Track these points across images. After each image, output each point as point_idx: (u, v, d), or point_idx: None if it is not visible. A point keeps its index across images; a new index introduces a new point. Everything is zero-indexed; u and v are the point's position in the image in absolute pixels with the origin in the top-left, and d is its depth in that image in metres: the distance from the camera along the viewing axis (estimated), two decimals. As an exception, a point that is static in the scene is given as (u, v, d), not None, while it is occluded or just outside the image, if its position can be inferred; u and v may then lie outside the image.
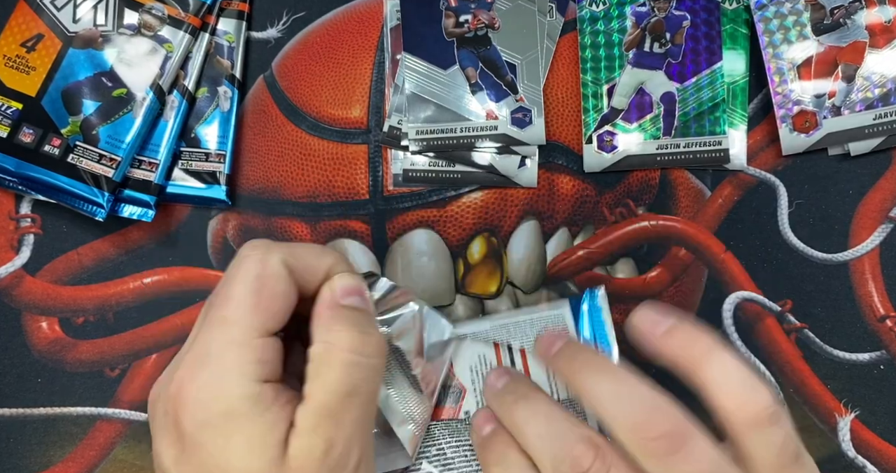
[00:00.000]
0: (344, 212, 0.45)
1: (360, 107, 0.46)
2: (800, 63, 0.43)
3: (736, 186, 0.45)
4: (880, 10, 0.43)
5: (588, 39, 0.45)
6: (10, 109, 0.42)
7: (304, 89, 0.46)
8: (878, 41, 0.43)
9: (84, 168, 0.42)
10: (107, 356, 0.45)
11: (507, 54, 0.45)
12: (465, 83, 0.44)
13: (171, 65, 0.44)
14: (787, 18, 0.44)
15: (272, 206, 0.45)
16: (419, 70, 0.44)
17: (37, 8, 0.44)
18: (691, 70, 0.44)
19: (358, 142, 0.45)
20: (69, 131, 0.43)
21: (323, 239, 0.45)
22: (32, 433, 0.44)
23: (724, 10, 0.44)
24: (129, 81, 0.43)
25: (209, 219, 0.46)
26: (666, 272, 0.44)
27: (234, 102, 0.45)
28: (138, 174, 0.44)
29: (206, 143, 0.45)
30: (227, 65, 0.45)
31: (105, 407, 0.44)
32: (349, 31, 0.46)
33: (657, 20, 0.44)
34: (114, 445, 0.44)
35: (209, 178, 0.44)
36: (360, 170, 0.45)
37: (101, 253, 0.45)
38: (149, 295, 0.45)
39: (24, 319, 0.45)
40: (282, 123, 0.46)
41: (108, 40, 0.44)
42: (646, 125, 0.44)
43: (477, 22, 0.45)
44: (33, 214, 0.45)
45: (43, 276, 0.45)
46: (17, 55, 0.43)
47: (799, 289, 0.44)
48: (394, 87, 0.45)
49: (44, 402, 0.44)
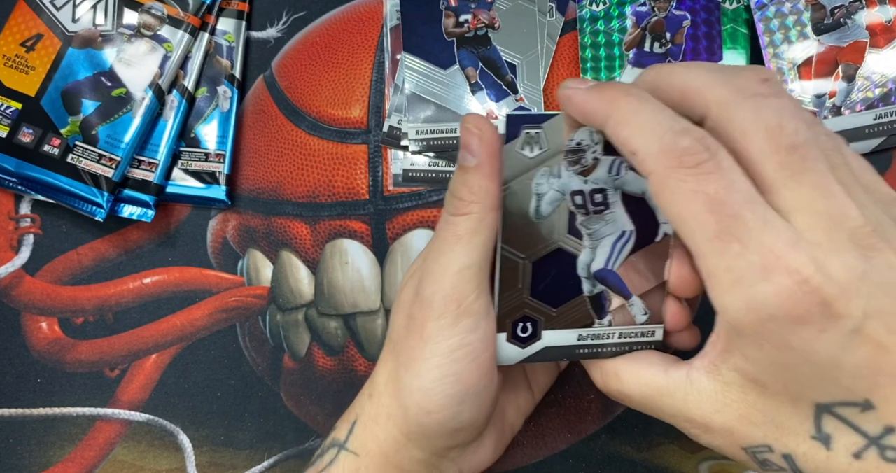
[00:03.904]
0: (344, 212, 0.45)
1: (359, 107, 0.46)
2: (800, 63, 0.43)
3: (736, 186, 0.45)
4: (881, 9, 0.43)
5: (588, 39, 0.45)
6: (9, 109, 0.42)
7: (304, 89, 0.46)
8: (879, 41, 0.43)
9: (84, 168, 0.42)
10: (106, 356, 0.45)
11: (507, 54, 0.45)
12: (465, 83, 0.44)
13: (171, 64, 0.44)
14: (788, 18, 0.44)
15: (272, 206, 0.45)
16: (419, 70, 0.44)
17: (36, 8, 0.44)
18: (691, 70, 0.44)
19: (358, 142, 0.45)
20: (69, 131, 0.43)
21: (323, 239, 0.45)
22: (32, 433, 0.44)
23: (725, 9, 0.44)
24: (129, 81, 0.43)
25: (209, 219, 0.46)
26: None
27: (233, 102, 0.45)
28: (138, 174, 0.44)
29: (205, 143, 0.45)
30: (226, 64, 0.45)
31: (105, 408, 0.44)
32: (349, 31, 0.46)
33: (657, 20, 0.44)
34: (113, 445, 0.44)
35: (209, 178, 0.44)
36: (359, 170, 0.45)
37: (101, 254, 0.45)
38: (148, 295, 0.45)
39: (24, 319, 0.45)
40: (282, 123, 0.46)
41: (108, 40, 0.44)
42: (646, 125, 0.44)
43: (477, 22, 0.45)
44: (33, 214, 0.45)
45: (42, 276, 0.45)
46: (16, 55, 0.43)
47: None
48: (394, 87, 0.45)
49: (43, 402, 0.44)
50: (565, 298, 0.32)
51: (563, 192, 0.31)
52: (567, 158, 0.31)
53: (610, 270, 0.32)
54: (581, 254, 0.32)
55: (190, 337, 0.45)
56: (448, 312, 0.31)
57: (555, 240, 0.32)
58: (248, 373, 0.45)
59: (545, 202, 0.31)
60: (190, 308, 0.45)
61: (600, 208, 0.31)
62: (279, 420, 0.44)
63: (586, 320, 0.33)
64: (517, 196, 0.31)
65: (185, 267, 0.45)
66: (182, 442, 0.44)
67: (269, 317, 0.45)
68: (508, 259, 0.32)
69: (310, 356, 0.45)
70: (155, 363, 0.45)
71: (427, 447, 0.34)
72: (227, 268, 0.45)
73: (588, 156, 0.31)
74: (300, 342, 0.45)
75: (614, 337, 0.33)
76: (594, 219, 0.32)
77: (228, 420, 0.44)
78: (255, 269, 0.45)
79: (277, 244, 0.45)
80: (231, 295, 0.45)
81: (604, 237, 0.32)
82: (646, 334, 0.33)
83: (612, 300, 0.33)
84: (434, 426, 0.33)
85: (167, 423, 0.44)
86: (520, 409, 0.38)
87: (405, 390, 0.32)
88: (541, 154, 0.31)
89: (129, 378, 0.45)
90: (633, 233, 0.32)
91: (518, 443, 0.43)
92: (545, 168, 0.31)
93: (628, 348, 0.33)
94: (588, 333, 0.33)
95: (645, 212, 0.31)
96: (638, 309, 0.32)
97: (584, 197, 0.31)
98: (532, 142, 0.30)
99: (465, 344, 0.31)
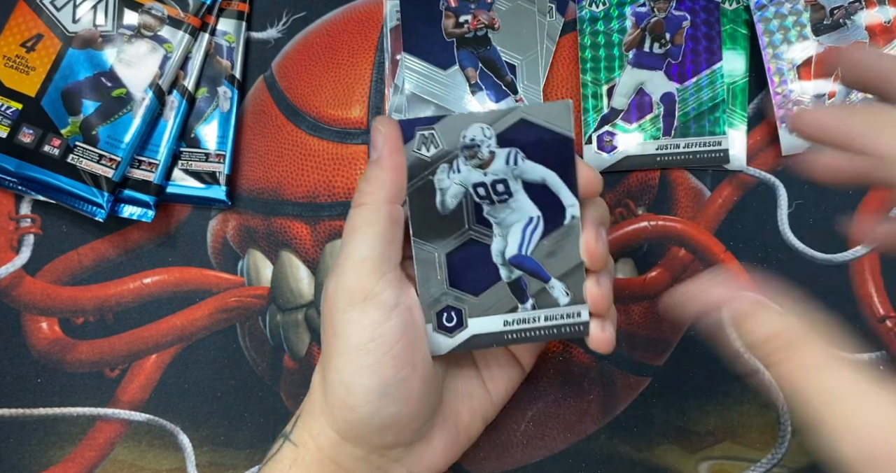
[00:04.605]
0: (344, 212, 0.45)
1: (359, 107, 0.46)
2: (799, 63, 0.43)
3: (736, 186, 0.45)
4: (880, 10, 0.43)
5: (588, 40, 0.45)
6: (9, 109, 0.42)
7: (304, 89, 0.46)
8: (878, 41, 0.43)
9: (84, 168, 0.42)
10: (106, 356, 0.45)
11: (507, 54, 0.45)
12: (464, 83, 0.44)
13: (171, 65, 0.44)
14: (787, 19, 0.44)
15: (272, 206, 0.45)
16: (419, 70, 0.44)
17: (36, 8, 0.44)
18: (691, 70, 0.44)
19: (357, 142, 0.45)
20: (69, 131, 0.43)
21: (323, 239, 0.45)
22: (32, 433, 0.44)
23: (724, 10, 0.44)
24: (129, 81, 0.43)
25: (209, 219, 0.46)
26: (665, 272, 0.44)
27: (233, 102, 0.45)
28: (138, 174, 0.44)
29: (205, 144, 0.45)
30: (226, 65, 0.45)
31: (105, 408, 0.44)
32: (349, 31, 0.46)
33: (657, 20, 0.44)
34: (113, 445, 0.44)
35: (209, 178, 0.44)
36: (359, 170, 0.45)
37: (101, 254, 0.45)
38: (148, 295, 0.45)
39: (24, 319, 0.45)
40: (282, 124, 0.46)
41: (108, 40, 0.44)
42: (646, 125, 0.44)
43: (477, 22, 0.45)
44: (33, 214, 0.45)
45: (43, 277, 0.45)
46: (16, 55, 0.43)
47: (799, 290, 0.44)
48: (394, 88, 0.45)
49: (43, 402, 0.44)
50: (484, 286, 0.34)
51: (465, 185, 0.33)
52: (463, 154, 0.33)
53: (524, 256, 0.34)
54: (493, 243, 0.34)
55: (190, 337, 0.45)
56: (353, 305, 0.32)
57: (465, 231, 0.34)
58: (248, 373, 0.45)
59: (449, 196, 0.33)
60: (190, 308, 0.45)
61: (504, 197, 0.34)
62: (279, 420, 0.44)
63: (509, 305, 0.34)
64: (422, 192, 0.33)
65: (186, 268, 0.45)
66: (182, 442, 0.44)
67: (269, 317, 0.45)
68: (422, 251, 0.34)
69: (310, 356, 0.45)
70: (155, 363, 0.45)
71: (360, 444, 0.34)
72: (227, 268, 0.45)
73: (483, 150, 0.33)
74: (300, 342, 0.45)
75: (540, 320, 0.34)
76: (500, 208, 0.34)
77: (228, 420, 0.44)
78: (255, 269, 0.45)
79: (277, 244, 0.45)
80: (231, 296, 0.45)
81: (512, 224, 0.34)
82: (571, 315, 0.34)
83: (530, 284, 0.34)
84: (359, 422, 0.33)
85: (167, 423, 0.44)
86: (475, 412, 0.38)
87: (329, 386, 0.33)
88: (437, 152, 0.33)
89: (130, 378, 0.45)
90: (540, 219, 0.34)
91: (518, 443, 0.43)
92: (444, 164, 0.33)
93: (556, 331, 0.34)
94: (513, 318, 0.34)
95: (548, 197, 0.33)
96: (559, 291, 0.34)
97: (486, 188, 0.33)
98: (427, 142, 0.33)
99: (375, 335, 0.32)
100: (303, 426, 0.35)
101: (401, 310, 0.32)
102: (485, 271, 0.34)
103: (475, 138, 0.33)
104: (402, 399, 0.33)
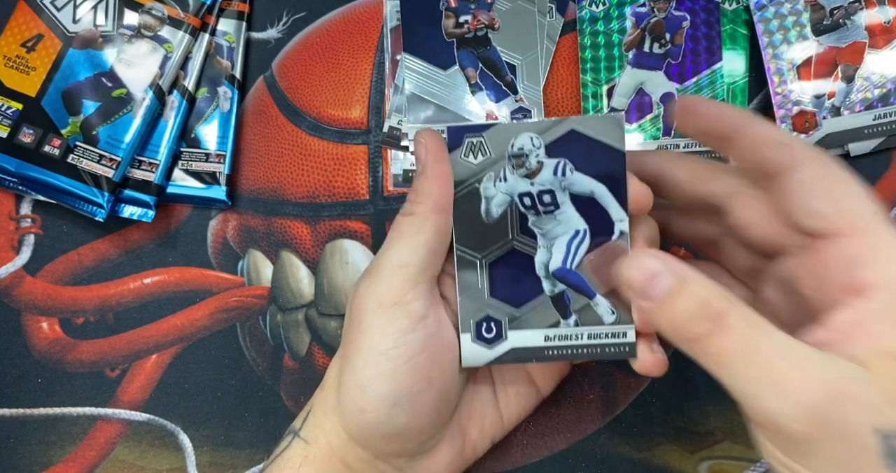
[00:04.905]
0: (344, 213, 0.45)
1: (359, 107, 0.46)
2: (799, 63, 0.43)
3: (736, 187, 0.45)
4: (880, 10, 0.43)
5: (588, 40, 0.45)
6: (10, 109, 0.42)
7: (304, 89, 0.46)
8: (878, 42, 0.43)
9: (84, 168, 0.42)
10: (107, 356, 0.45)
11: (507, 55, 0.45)
12: (464, 83, 0.44)
13: (171, 65, 0.44)
14: (787, 19, 0.44)
15: (272, 206, 0.45)
16: (419, 70, 0.44)
17: (37, 8, 0.44)
18: (691, 70, 0.44)
19: (358, 142, 0.45)
20: (69, 131, 0.43)
21: (323, 239, 0.45)
22: (32, 433, 0.44)
23: (724, 10, 0.44)
24: (129, 81, 0.43)
25: (209, 219, 0.46)
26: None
27: (234, 103, 0.45)
28: (138, 174, 0.44)
29: (205, 144, 0.45)
30: (227, 65, 0.45)
31: (105, 408, 0.44)
32: (349, 31, 0.46)
33: (657, 20, 0.44)
34: (114, 445, 0.44)
35: (209, 179, 0.45)
36: (359, 170, 0.45)
37: (102, 254, 0.45)
38: (149, 295, 0.45)
39: (25, 319, 0.45)
40: (282, 124, 0.46)
41: (108, 40, 0.44)
42: (646, 125, 0.44)
43: (477, 22, 0.45)
44: (33, 214, 0.45)
45: (43, 277, 0.45)
46: (17, 55, 0.43)
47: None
48: (394, 88, 0.45)
49: (44, 402, 0.44)
50: (526, 298, 0.33)
51: (511, 194, 0.33)
52: (511, 162, 0.32)
53: (569, 269, 0.33)
54: (537, 254, 0.33)
55: (190, 337, 0.45)
56: (383, 308, 0.32)
57: (508, 241, 0.33)
58: (248, 373, 0.45)
59: (494, 204, 0.33)
60: (190, 308, 0.45)
61: (550, 208, 0.33)
62: (279, 420, 0.44)
63: (552, 320, 0.33)
64: (467, 199, 0.33)
65: (186, 268, 0.45)
66: (182, 442, 0.44)
67: (270, 317, 0.45)
68: (464, 258, 0.33)
69: (310, 356, 0.45)
70: (155, 363, 0.45)
71: (368, 447, 0.34)
72: (227, 268, 0.45)
73: (531, 159, 0.32)
74: (300, 342, 0.45)
75: (583, 337, 0.33)
76: (545, 219, 0.33)
77: (228, 420, 0.44)
78: (255, 269, 0.45)
79: (277, 244, 0.45)
80: (231, 296, 0.45)
81: (558, 236, 0.33)
82: (616, 335, 0.33)
83: (575, 300, 0.33)
84: (368, 426, 0.33)
85: (167, 423, 0.44)
86: (484, 431, 0.37)
87: (344, 386, 0.33)
88: (485, 160, 0.32)
89: (130, 378, 0.45)
90: (587, 232, 0.33)
91: (518, 443, 0.43)
92: (491, 172, 0.32)
93: (600, 350, 0.33)
94: (555, 334, 0.33)
95: (597, 211, 0.33)
96: (604, 308, 0.33)
97: (533, 198, 0.33)
98: (475, 149, 0.32)
99: (399, 343, 0.31)
100: (315, 422, 0.35)
101: (428, 323, 0.32)
102: (527, 283, 0.33)
103: (524, 147, 0.32)
104: (413, 411, 0.32)
